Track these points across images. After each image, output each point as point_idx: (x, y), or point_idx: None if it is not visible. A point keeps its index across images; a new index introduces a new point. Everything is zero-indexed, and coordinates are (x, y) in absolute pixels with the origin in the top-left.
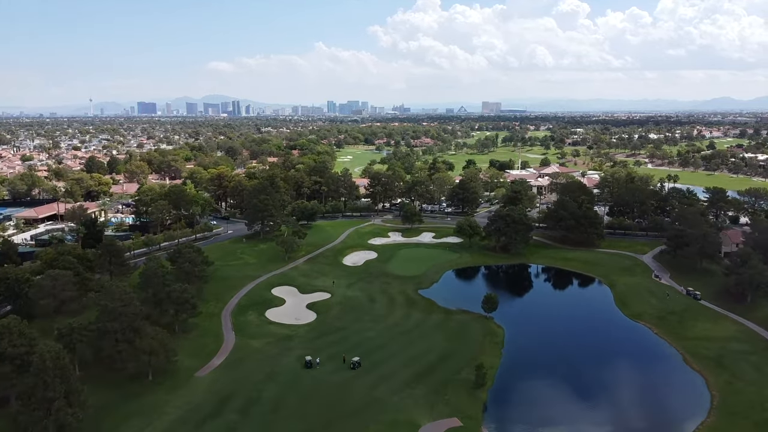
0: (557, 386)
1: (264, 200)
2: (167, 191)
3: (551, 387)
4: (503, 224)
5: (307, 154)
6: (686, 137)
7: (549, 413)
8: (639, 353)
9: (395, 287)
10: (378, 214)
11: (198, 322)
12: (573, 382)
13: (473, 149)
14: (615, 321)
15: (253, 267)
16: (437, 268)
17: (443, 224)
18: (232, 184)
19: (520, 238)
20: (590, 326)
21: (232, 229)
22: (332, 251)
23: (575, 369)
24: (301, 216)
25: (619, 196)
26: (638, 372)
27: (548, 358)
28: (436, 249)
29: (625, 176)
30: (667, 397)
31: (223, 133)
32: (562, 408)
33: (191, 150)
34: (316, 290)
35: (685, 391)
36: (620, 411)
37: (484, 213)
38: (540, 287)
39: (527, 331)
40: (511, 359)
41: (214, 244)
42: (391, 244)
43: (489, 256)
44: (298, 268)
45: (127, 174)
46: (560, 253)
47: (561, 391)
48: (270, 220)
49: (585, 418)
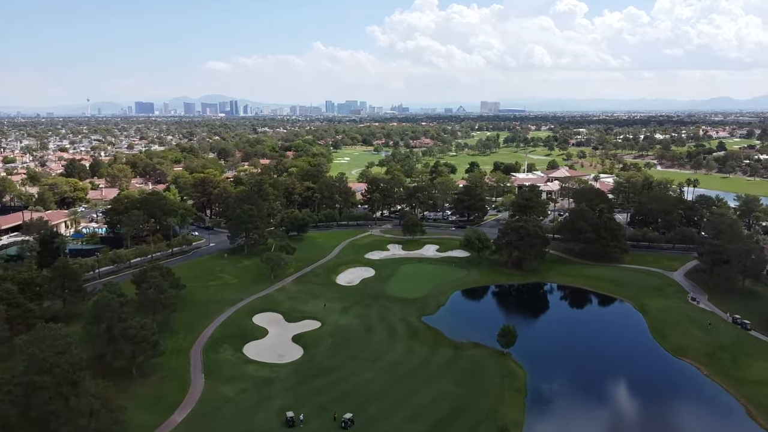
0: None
1: (248, 210)
2: (142, 199)
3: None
4: (516, 237)
5: (302, 155)
6: (693, 137)
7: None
8: (691, 404)
9: (396, 313)
10: (376, 224)
11: (162, 362)
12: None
13: (474, 150)
14: (655, 358)
15: (234, 288)
16: (443, 288)
17: (448, 235)
18: (217, 190)
19: (534, 253)
20: (626, 366)
21: (216, 241)
22: (325, 268)
23: (616, 427)
24: (290, 227)
25: (641, 204)
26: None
27: (582, 410)
28: (441, 265)
29: (642, 181)
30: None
31: (218, 133)
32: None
33: (181, 151)
34: (305, 317)
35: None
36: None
37: (491, 221)
38: (561, 312)
39: (552, 371)
40: (538, 412)
41: (192, 261)
42: (390, 259)
43: (500, 273)
44: (286, 290)
45: (109, 178)
46: (580, 270)
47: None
48: (255, 232)
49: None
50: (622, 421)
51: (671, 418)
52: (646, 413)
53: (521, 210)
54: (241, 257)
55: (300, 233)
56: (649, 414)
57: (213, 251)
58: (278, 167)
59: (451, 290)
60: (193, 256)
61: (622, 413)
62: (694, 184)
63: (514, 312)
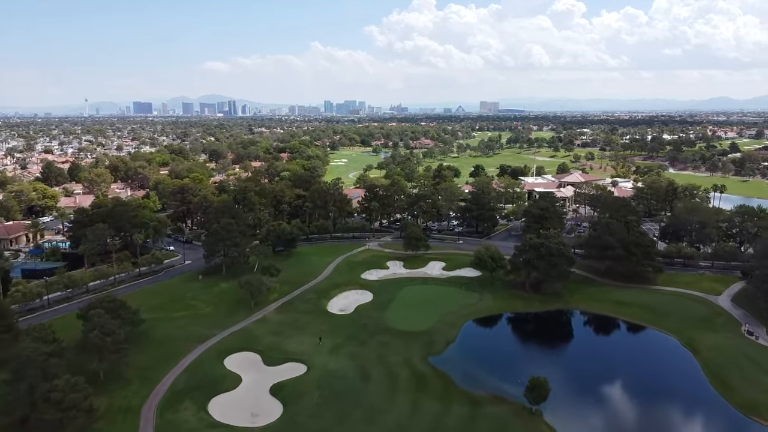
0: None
1: (227, 225)
2: (108, 210)
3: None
4: (535, 256)
5: (297, 158)
6: (702, 138)
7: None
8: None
9: (397, 352)
10: (374, 236)
11: (102, 428)
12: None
13: (477, 151)
14: (722, 419)
15: (206, 320)
16: (452, 317)
17: (454, 249)
18: (197, 199)
19: (557, 274)
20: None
21: (193, 257)
22: (315, 292)
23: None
24: (277, 242)
25: (673, 215)
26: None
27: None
28: (449, 287)
29: (665, 187)
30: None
31: (213, 133)
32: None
33: (170, 153)
34: (288, 358)
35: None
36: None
37: (502, 232)
38: (594, 350)
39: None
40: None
41: (161, 284)
42: (390, 280)
43: (517, 298)
44: (267, 321)
45: (86, 183)
46: (609, 294)
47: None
48: (235, 250)
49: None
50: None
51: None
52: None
53: (536, 221)
54: (218, 279)
55: (288, 249)
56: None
57: (188, 270)
58: (269, 171)
59: (462, 320)
60: (163, 277)
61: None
62: (721, 189)
63: (538, 349)
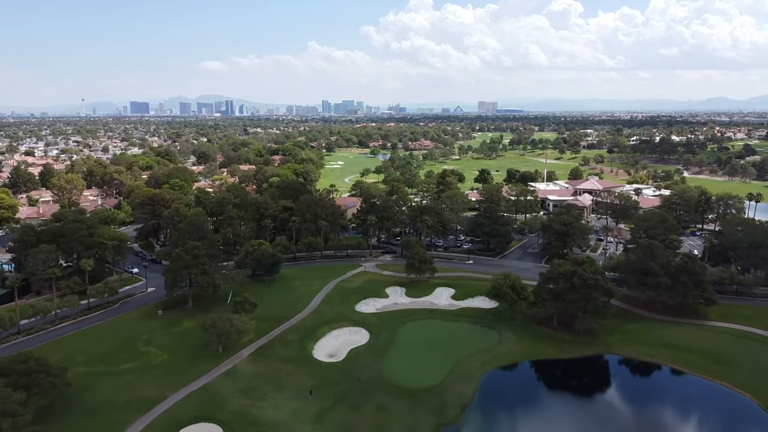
0: None
1: (192, 250)
2: (58, 228)
3: None
4: (566, 287)
5: (290, 161)
6: (711, 139)
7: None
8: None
9: (400, 419)
10: (371, 254)
11: None
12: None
13: (479, 153)
14: None
15: (159, 374)
16: (467, 366)
17: (464, 271)
18: (167, 212)
19: (592, 309)
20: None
21: (159, 282)
22: (298, 331)
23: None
24: (257, 266)
25: (723, 233)
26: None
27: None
28: (461, 322)
29: (697, 195)
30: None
31: (206, 134)
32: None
33: (156, 156)
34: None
35: None
36: None
37: (516, 248)
38: (646, 413)
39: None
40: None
41: (113, 320)
42: (390, 313)
43: (545, 338)
44: (237, 374)
45: (56, 190)
46: (654, 332)
47: None
48: (203, 279)
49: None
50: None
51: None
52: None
53: (558, 237)
54: (182, 314)
55: (270, 273)
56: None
57: (150, 300)
58: (257, 176)
59: (480, 370)
60: (118, 311)
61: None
62: (757, 199)
63: (577, 413)
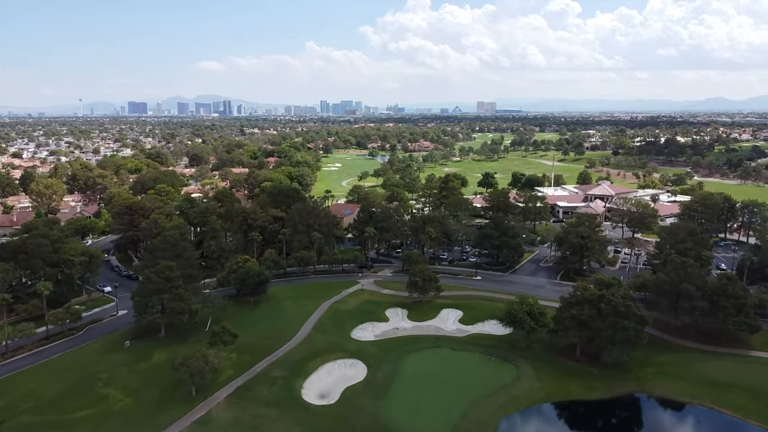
0: None
1: (164, 272)
2: (19, 243)
3: None
4: (592, 314)
5: (285, 163)
6: (717, 140)
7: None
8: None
9: None
10: (369, 269)
11: None
12: None
13: (480, 155)
14: None
15: (118, 423)
16: (481, 410)
17: (472, 289)
18: (145, 222)
19: (623, 340)
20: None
21: (131, 304)
22: (285, 365)
23: None
24: (241, 286)
25: (760, 248)
26: None
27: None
28: (471, 352)
29: (721, 203)
30: None
31: (201, 135)
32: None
33: (147, 158)
34: None
35: None
36: None
37: (528, 262)
38: None
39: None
40: None
41: (73, 353)
42: (390, 341)
43: (569, 373)
44: (212, 421)
45: (34, 196)
46: (692, 366)
47: None
48: (178, 304)
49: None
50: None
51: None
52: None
53: (575, 251)
54: (153, 345)
55: (255, 294)
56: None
57: (121, 326)
58: (249, 181)
59: (496, 415)
60: (82, 340)
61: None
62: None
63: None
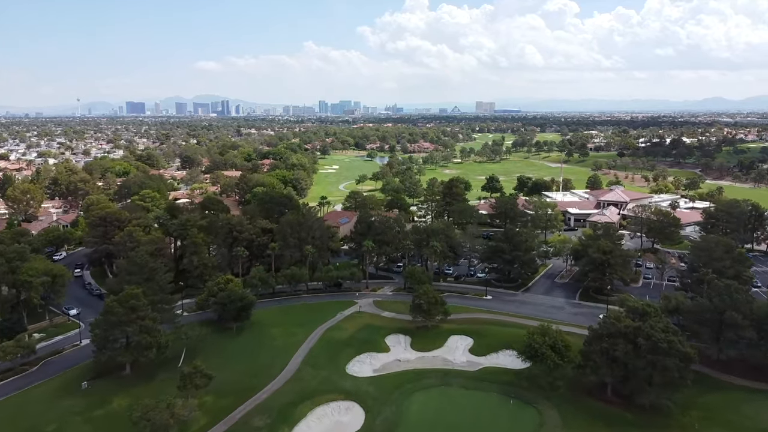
0: None
1: (128, 300)
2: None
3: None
4: (628, 350)
5: (280, 167)
6: (724, 141)
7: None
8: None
9: None
10: (367, 286)
11: None
12: None
13: (482, 156)
14: None
15: None
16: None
17: (483, 311)
18: (119, 236)
19: (662, 381)
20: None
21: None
22: (269, 412)
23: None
24: (222, 312)
25: None
26: None
27: None
28: (485, 391)
29: (748, 211)
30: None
31: (197, 135)
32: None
33: (137, 160)
34: None
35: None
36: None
37: (541, 278)
38: None
39: None
40: None
41: (19, 396)
42: (392, 376)
43: (599, 420)
44: None
45: (10, 202)
46: (743, 409)
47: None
48: (144, 338)
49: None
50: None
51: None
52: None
53: (596, 268)
54: (116, 385)
55: (238, 321)
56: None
57: (82, 360)
58: (240, 185)
59: None
60: (35, 377)
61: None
62: None
63: None
